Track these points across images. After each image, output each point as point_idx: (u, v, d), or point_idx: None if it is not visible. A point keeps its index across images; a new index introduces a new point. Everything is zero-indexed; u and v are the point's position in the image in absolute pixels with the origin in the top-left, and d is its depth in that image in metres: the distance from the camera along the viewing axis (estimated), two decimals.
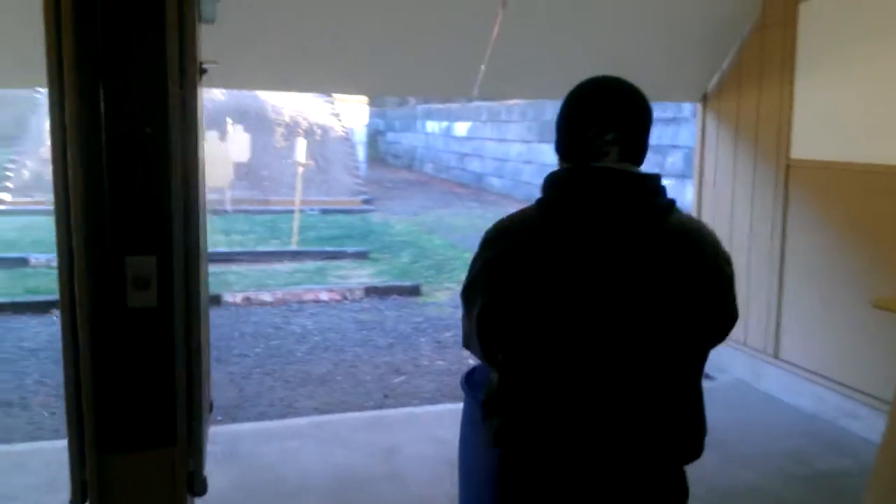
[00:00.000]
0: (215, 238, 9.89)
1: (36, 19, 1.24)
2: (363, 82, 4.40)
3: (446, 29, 4.10)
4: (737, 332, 4.65)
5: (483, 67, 4.31)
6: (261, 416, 4.12)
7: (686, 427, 1.49)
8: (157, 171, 1.31)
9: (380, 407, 4.32)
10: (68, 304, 1.28)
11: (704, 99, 4.88)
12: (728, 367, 4.72)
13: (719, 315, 1.51)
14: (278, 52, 3.94)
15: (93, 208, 1.30)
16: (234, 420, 4.06)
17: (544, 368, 1.43)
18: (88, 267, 1.29)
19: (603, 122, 1.46)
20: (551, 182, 1.48)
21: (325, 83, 4.73)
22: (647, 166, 1.55)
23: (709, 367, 4.85)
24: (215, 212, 12.12)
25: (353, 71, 4.23)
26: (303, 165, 9.33)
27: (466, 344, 1.61)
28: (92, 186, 1.27)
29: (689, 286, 1.43)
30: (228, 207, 12.43)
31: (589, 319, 1.39)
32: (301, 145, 9.26)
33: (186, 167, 1.30)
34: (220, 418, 4.07)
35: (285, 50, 3.92)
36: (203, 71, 1.45)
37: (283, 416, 4.14)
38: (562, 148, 1.54)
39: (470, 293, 1.51)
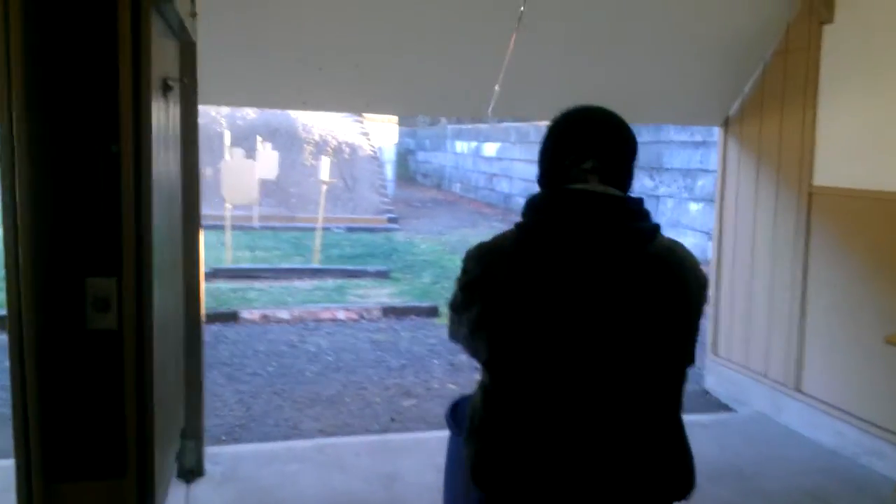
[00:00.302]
0: (240, 254, 9.97)
1: None
2: (378, 102, 4.39)
3: (461, 49, 4.08)
4: (757, 363, 4.52)
5: (497, 88, 4.27)
6: (265, 437, 4.08)
7: (671, 460, 1.42)
8: (111, 189, 1.28)
9: (385, 431, 4.25)
10: (16, 324, 1.24)
11: (726, 123, 4.78)
12: (748, 399, 4.57)
13: (692, 345, 1.46)
14: (295, 72, 3.94)
15: (44, 227, 1.27)
16: (238, 440, 4.03)
17: (523, 395, 1.39)
18: (37, 287, 1.25)
19: (580, 150, 1.44)
20: (530, 205, 1.46)
21: (341, 103, 4.75)
22: (675, 189, 1.53)
23: (728, 398, 4.73)
24: (242, 228, 12.24)
25: (369, 91, 4.22)
26: (326, 183, 9.37)
27: (452, 338, 1.58)
28: (42, 204, 1.24)
29: (670, 314, 1.38)
30: (255, 224, 12.54)
31: (565, 345, 1.35)
32: (325, 164, 9.31)
33: (139, 185, 1.26)
34: (223, 438, 4.04)
35: (303, 70, 3.92)
36: (168, 87, 1.42)
37: (287, 437, 4.09)
38: (542, 178, 1.52)
39: (457, 310, 1.50)
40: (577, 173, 1.43)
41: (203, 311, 3.44)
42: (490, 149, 17.98)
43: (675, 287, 1.39)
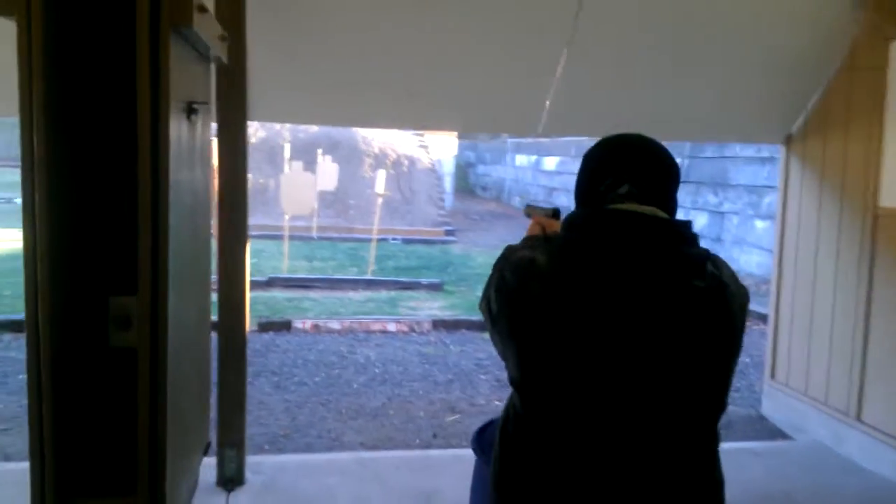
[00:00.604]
0: (298, 264, 10.15)
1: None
2: (429, 120, 4.40)
3: (511, 67, 4.05)
4: (817, 390, 4.32)
5: (548, 104, 4.22)
6: (307, 448, 4.10)
7: (700, 491, 1.36)
8: (128, 209, 1.30)
9: (427, 446, 4.23)
10: (34, 339, 1.27)
11: (788, 141, 4.61)
12: (807, 427, 4.37)
13: (730, 375, 1.38)
14: (347, 90, 3.98)
15: (66, 245, 1.30)
16: (281, 450, 4.06)
17: (552, 419, 1.33)
18: (56, 304, 1.28)
19: (616, 174, 1.39)
20: (568, 223, 1.39)
21: (393, 120, 4.77)
22: (740, 206, 1.46)
23: (786, 425, 4.53)
24: (301, 238, 12.46)
25: (420, 109, 4.23)
26: (381, 196, 9.45)
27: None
28: (61, 223, 1.27)
29: (713, 349, 1.31)
30: (314, 234, 12.75)
31: (599, 372, 1.29)
32: (381, 176, 9.40)
33: (157, 205, 1.28)
34: (266, 447, 4.09)
35: (355, 88, 3.96)
36: (193, 111, 1.45)
37: (329, 448, 4.11)
38: (577, 204, 1.47)
39: (492, 314, 1.42)
40: (613, 198, 1.37)
41: (247, 322, 3.49)
42: (550, 163, 17.86)
43: (722, 322, 1.32)
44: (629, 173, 1.38)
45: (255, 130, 15.56)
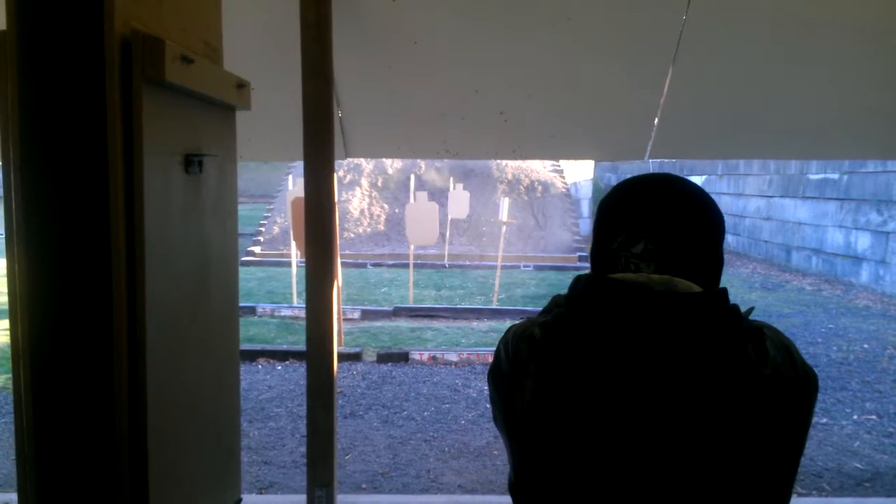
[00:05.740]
0: (426, 293, 10.23)
1: None
2: (525, 148, 4.25)
3: (612, 90, 3.85)
4: None
5: (656, 124, 3.96)
6: (403, 488, 4.03)
7: None
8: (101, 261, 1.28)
9: None
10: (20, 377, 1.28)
11: None
12: None
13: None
14: (439, 122, 3.95)
15: (42, 294, 1.29)
16: (377, 489, 4.01)
17: None
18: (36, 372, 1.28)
19: (630, 229, 1.10)
20: (569, 293, 1.12)
21: (488, 151, 4.68)
22: None
23: None
24: (433, 266, 12.61)
25: (516, 137, 4.12)
26: (505, 224, 9.34)
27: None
28: (39, 272, 1.27)
29: (756, 456, 1.01)
30: (446, 262, 12.85)
31: (601, 486, 1.02)
32: (505, 204, 9.30)
33: (132, 260, 1.25)
34: (363, 486, 4.06)
35: (447, 119, 3.93)
36: (192, 162, 1.42)
37: (425, 489, 4.01)
38: (591, 264, 1.20)
39: (490, 400, 1.21)
40: (625, 260, 1.10)
41: (335, 357, 3.48)
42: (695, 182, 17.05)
43: (757, 423, 1.00)
44: (647, 227, 1.08)
45: (392, 163, 16.00)
